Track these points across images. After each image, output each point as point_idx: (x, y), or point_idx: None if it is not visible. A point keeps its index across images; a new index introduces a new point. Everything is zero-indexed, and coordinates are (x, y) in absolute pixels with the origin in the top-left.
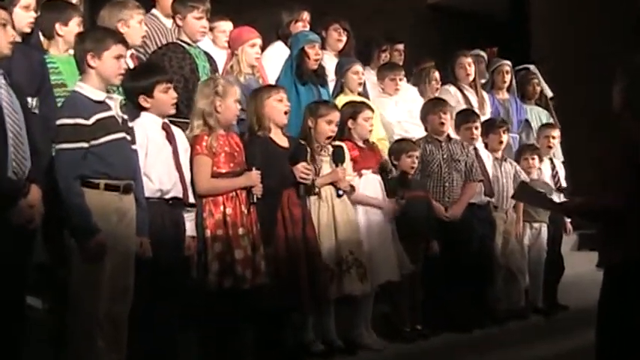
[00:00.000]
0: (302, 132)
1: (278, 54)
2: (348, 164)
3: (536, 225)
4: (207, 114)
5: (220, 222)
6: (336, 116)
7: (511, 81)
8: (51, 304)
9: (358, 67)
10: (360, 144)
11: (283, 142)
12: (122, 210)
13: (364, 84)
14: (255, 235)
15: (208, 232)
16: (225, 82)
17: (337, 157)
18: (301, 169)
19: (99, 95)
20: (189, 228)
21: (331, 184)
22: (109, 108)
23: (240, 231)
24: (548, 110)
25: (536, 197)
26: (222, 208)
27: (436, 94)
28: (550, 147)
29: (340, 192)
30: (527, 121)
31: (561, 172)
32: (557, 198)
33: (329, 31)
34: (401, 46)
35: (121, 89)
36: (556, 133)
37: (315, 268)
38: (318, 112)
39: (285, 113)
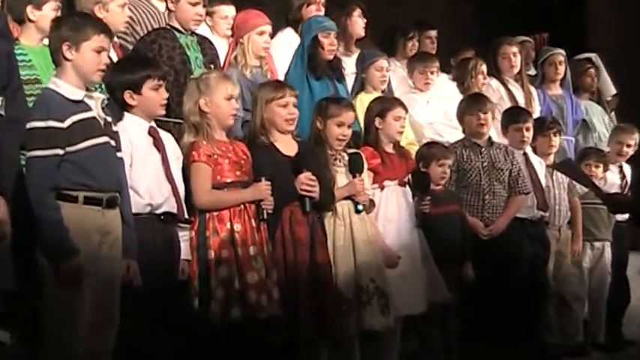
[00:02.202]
0: (311, 135)
1: (288, 43)
2: (366, 174)
3: (597, 244)
4: (194, 116)
5: (227, 241)
6: (348, 117)
7: (565, 73)
8: (21, 338)
9: (383, 62)
10: (389, 149)
11: (290, 149)
12: (105, 228)
13: (389, 81)
14: (267, 257)
15: (212, 254)
16: (216, 76)
17: (354, 167)
18: (304, 179)
19: (76, 93)
20: (184, 250)
21: (348, 198)
22: (88, 108)
23: (252, 250)
24: (602, 107)
25: (579, 174)
26: (228, 225)
27: (483, 90)
28: (621, 155)
29: (359, 207)
30: (584, 121)
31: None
32: None
33: (353, 18)
34: (433, 33)
35: (103, 86)
36: (634, 139)
37: (325, 301)
38: (327, 112)
39: (289, 121)
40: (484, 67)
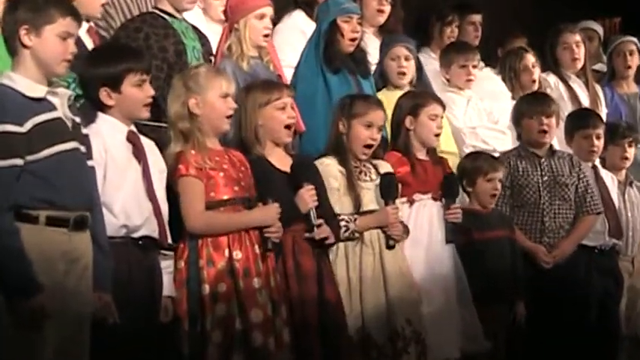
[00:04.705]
0: (330, 141)
1: (296, 28)
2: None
3: None
4: (182, 121)
5: (225, 272)
6: (378, 117)
7: None
8: None
9: (399, 49)
10: (421, 155)
11: (284, 164)
12: (73, 254)
13: (422, 71)
14: (275, 291)
15: (207, 288)
16: (207, 71)
17: (386, 191)
18: (305, 194)
19: (37, 90)
20: (166, 285)
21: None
22: (52, 107)
23: (256, 283)
24: None
25: None
26: (226, 252)
27: (534, 88)
28: None
29: (391, 242)
30: None
31: None
32: None
33: (365, 0)
34: (477, 18)
35: (75, 81)
36: None
37: (336, 345)
38: (352, 111)
39: (289, 127)
40: (530, 60)
